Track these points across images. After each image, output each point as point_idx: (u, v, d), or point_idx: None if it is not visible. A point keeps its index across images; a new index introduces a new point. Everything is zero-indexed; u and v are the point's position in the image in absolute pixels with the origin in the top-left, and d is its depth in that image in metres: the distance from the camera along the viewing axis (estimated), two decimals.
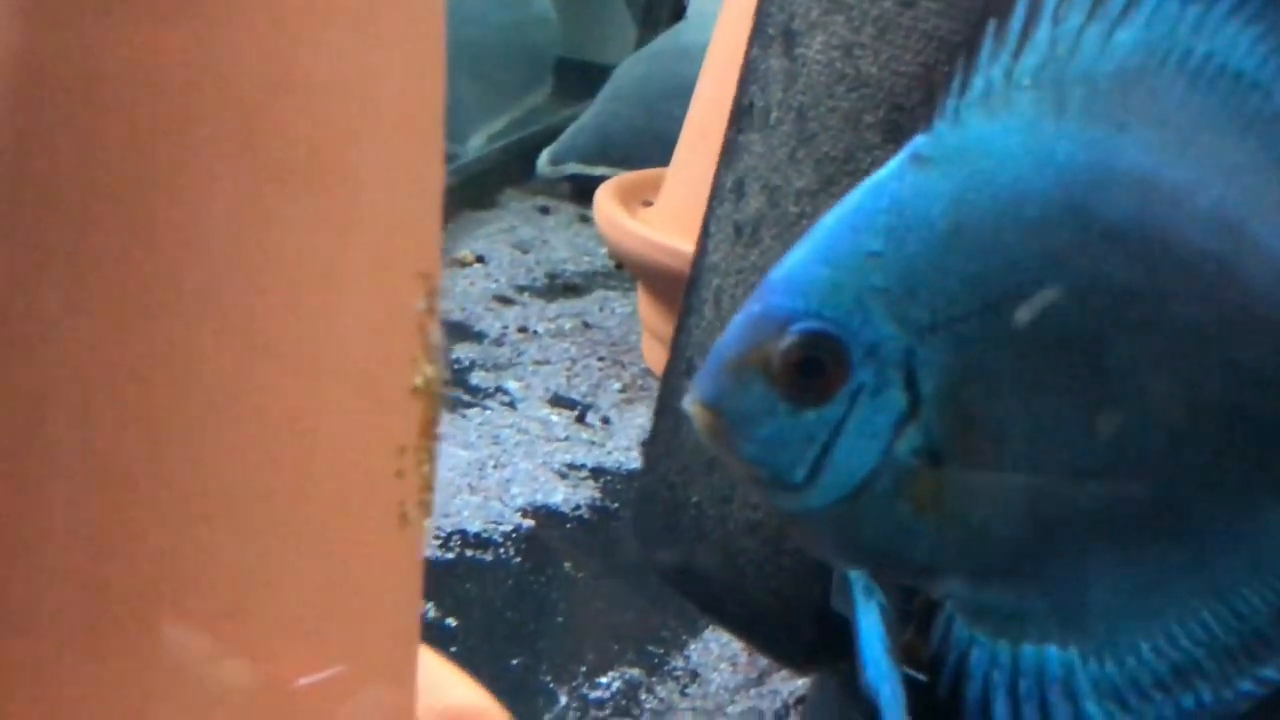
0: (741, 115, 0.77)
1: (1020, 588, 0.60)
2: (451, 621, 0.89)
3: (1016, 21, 0.57)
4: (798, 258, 0.59)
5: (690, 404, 0.60)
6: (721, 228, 0.78)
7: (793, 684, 0.86)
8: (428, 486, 0.56)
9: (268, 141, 0.50)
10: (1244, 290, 0.57)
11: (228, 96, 0.49)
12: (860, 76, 0.71)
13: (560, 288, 1.46)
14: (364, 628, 0.55)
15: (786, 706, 0.85)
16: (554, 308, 1.39)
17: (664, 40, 1.85)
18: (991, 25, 0.57)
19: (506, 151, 1.77)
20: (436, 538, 0.97)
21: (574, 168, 1.69)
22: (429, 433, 0.56)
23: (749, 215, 0.76)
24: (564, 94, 1.97)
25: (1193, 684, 0.60)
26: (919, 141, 0.58)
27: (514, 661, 0.86)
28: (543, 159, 1.71)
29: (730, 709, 0.84)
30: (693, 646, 0.90)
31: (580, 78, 1.98)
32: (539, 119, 1.87)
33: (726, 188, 0.77)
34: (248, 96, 0.49)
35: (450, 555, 0.95)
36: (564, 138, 1.72)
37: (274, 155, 0.50)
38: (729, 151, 0.78)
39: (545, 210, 1.67)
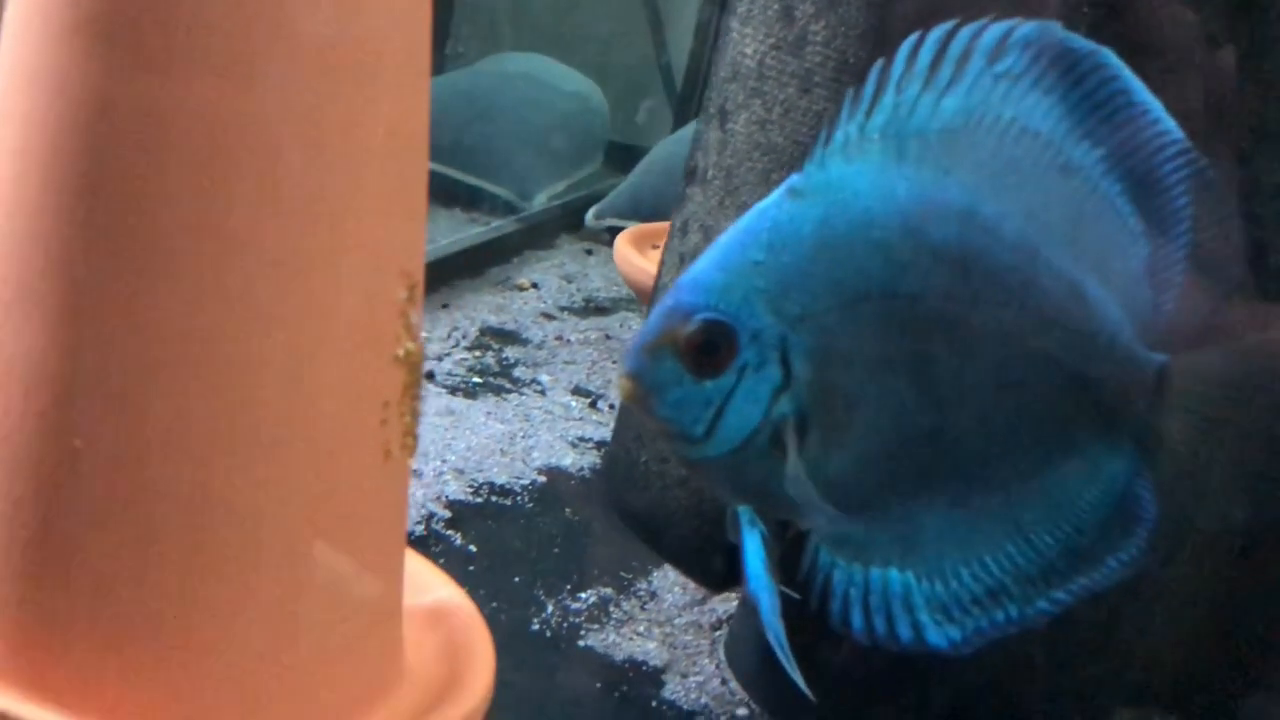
0: (689, 174, 0.77)
1: (868, 522, 0.60)
2: (473, 548, 0.89)
3: (869, 89, 0.57)
4: (701, 265, 0.59)
5: (619, 376, 0.60)
6: (672, 257, 0.78)
7: (727, 605, 0.86)
8: (410, 433, 0.56)
9: (286, 171, 0.50)
10: (1039, 298, 0.57)
11: (258, 136, 0.50)
12: (771, 145, 0.71)
13: (593, 308, 1.46)
14: (356, 535, 0.55)
15: (720, 620, 0.85)
16: (585, 323, 1.39)
17: (690, 128, 1.85)
18: (850, 92, 0.57)
19: (564, 208, 1.77)
20: (470, 486, 0.97)
21: (612, 221, 1.69)
22: (411, 393, 0.56)
23: (690, 248, 0.76)
24: (613, 167, 1.96)
25: (1002, 602, 0.59)
26: (793, 179, 0.58)
27: (516, 579, 0.86)
28: (590, 214, 1.72)
29: (677, 620, 0.84)
30: (655, 574, 0.89)
31: (626, 156, 1.98)
32: (590, 185, 1.87)
33: (676, 228, 0.77)
34: (273, 137, 0.50)
35: (479, 500, 0.95)
36: (607, 198, 1.72)
37: (291, 181, 0.50)
38: (680, 202, 0.78)
39: (589, 252, 1.67)
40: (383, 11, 0.51)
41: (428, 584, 0.63)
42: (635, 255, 1.29)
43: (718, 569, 0.71)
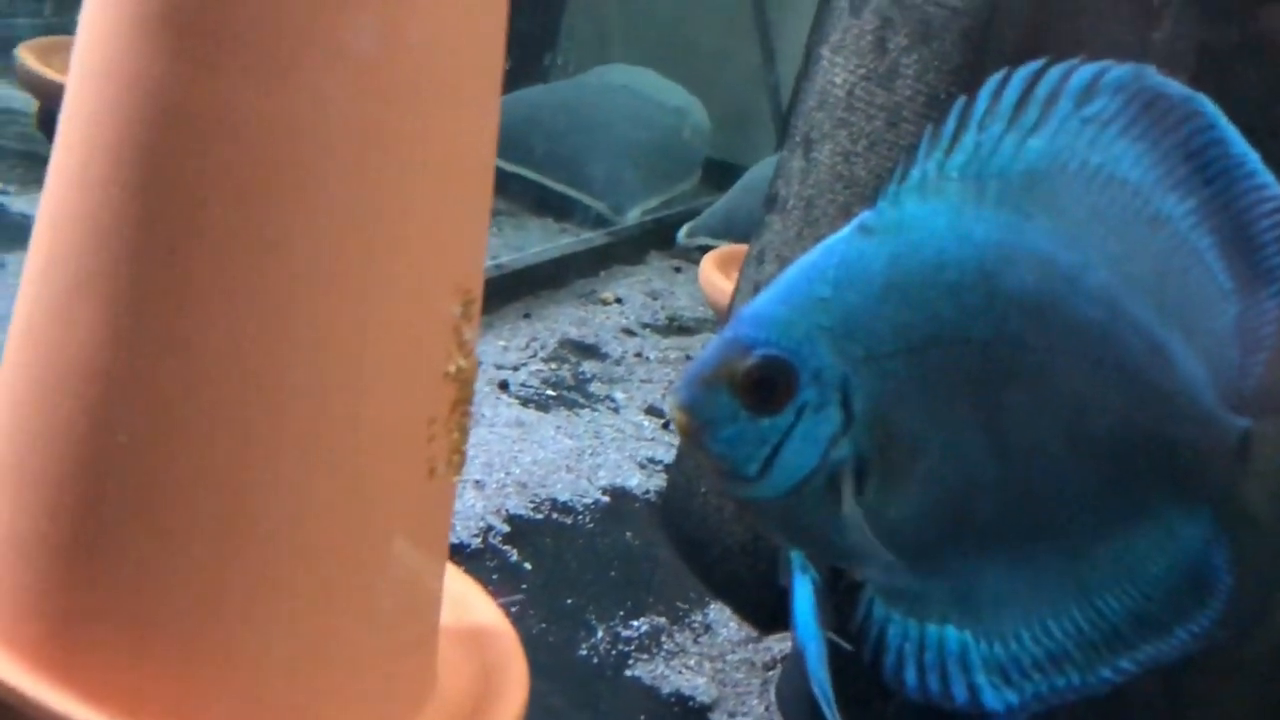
0: (770, 201, 0.75)
1: (926, 576, 0.58)
2: (528, 565, 0.88)
3: (949, 127, 0.55)
4: (765, 299, 0.57)
5: (671, 407, 0.58)
6: (747, 285, 0.76)
7: (783, 644, 0.84)
8: (457, 450, 0.56)
9: (321, 182, 0.50)
10: (1119, 352, 0.54)
11: (291, 144, 0.49)
12: (854, 178, 0.69)
13: (675, 327, 1.44)
14: (393, 549, 0.54)
15: (774, 660, 0.83)
16: (667, 342, 1.38)
17: None
18: (929, 129, 0.55)
19: (657, 223, 1.77)
20: (532, 501, 0.96)
21: (704, 240, 1.68)
22: (460, 410, 0.55)
23: (765, 278, 0.74)
24: (710, 185, 1.95)
25: (1063, 668, 0.57)
26: (865, 215, 0.56)
27: (568, 600, 0.85)
28: (682, 231, 1.71)
29: (729, 657, 0.82)
30: (711, 607, 0.87)
31: (724, 174, 1.97)
32: (685, 202, 1.86)
33: (754, 256, 0.76)
34: (307, 146, 0.49)
35: (540, 516, 0.95)
36: (700, 217, 1.72)
37: (327, 192, 0.50)
38: (759, 229, 0.76)
39: (678, 270, 1.66)
40: (436, 33, 0.50)
41: (469, 603, 0.62)
42: (719, 277, 1.27)
43: (768, 610, 0.69)
